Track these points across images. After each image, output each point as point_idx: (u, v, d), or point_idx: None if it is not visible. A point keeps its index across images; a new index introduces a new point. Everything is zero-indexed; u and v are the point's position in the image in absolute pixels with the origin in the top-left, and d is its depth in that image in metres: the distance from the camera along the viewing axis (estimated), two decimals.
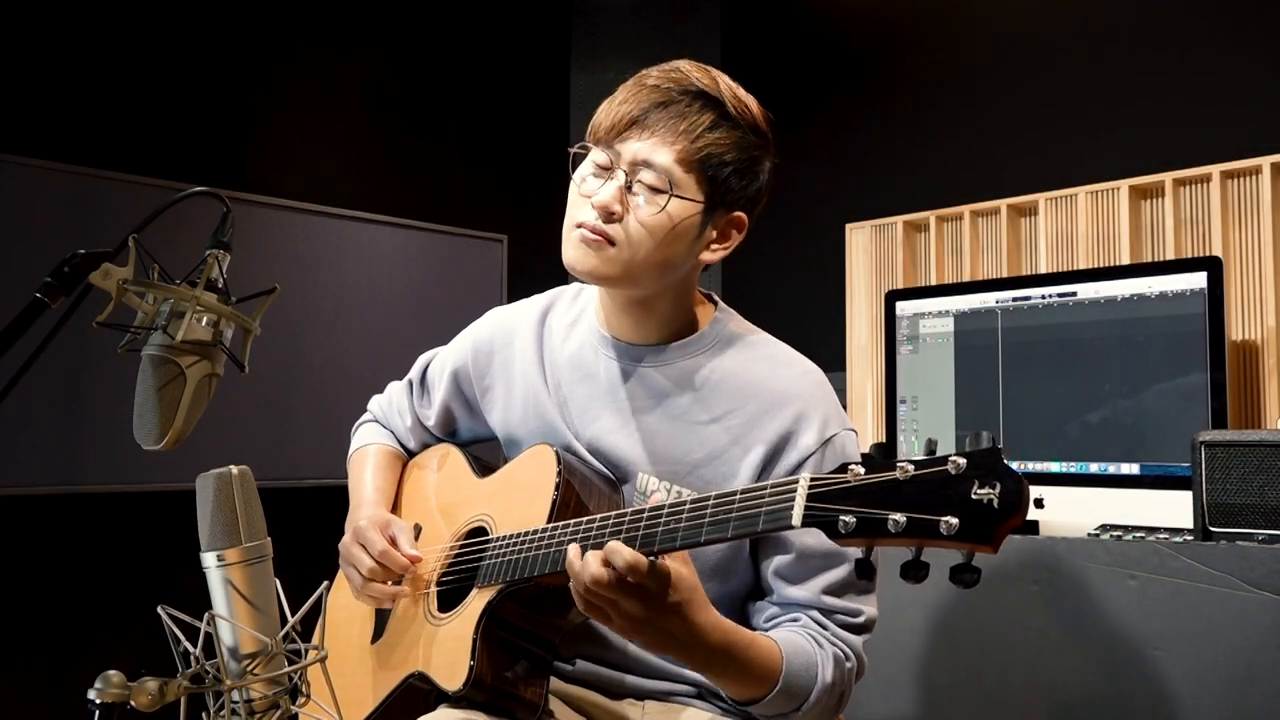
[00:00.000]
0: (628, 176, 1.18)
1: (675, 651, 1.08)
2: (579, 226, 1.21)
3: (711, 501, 1.01)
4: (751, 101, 1.23)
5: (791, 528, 0.93)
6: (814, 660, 1.14)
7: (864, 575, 0.90)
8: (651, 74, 1.22)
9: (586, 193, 1.21)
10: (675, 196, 1.18)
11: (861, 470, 0.89)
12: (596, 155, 1.22)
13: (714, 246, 1.25)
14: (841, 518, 0.88)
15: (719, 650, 1.08)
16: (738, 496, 1.00)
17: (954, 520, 0.83)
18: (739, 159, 1.20)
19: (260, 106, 3.30)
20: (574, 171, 1.25)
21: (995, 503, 0.82)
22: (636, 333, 1.30)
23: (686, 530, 1.02)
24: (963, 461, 0.84)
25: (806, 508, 0.92)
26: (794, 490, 0.93)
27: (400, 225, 3.52)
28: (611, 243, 1.19)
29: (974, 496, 0.83)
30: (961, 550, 0.84)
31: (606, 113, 1.21)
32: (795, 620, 1.19)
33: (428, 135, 3.70)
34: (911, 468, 0.86)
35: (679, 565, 1.04)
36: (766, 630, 1.21)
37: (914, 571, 0.85)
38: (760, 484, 0.98)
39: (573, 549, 1.05)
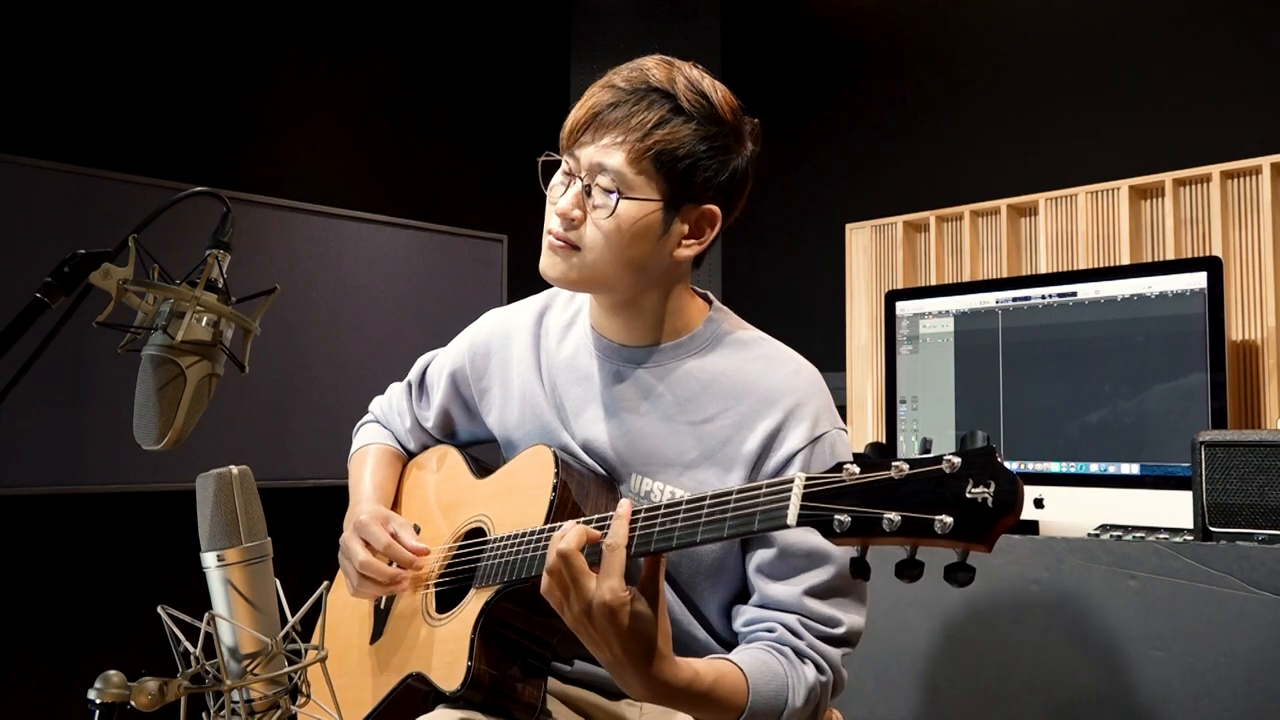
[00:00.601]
0: (586, 181, 1.19)
1: (625, 678, 1.05)
2: (548, 234, 1.23)
3: (707, 502, 1.01)
4: (713, 91, 1.21)
5: (787, 527, 0.93)
6: (784, 684, 1.13)
7: (859, 574, 0.89)
8: (614, 74, 1.22)
9: (553, 200, 1.23)
10: (625, 198, 1.17)
11: (856, 469, 0.89)
12: (562, 160, 1.23)
13: (687, 242, 1.23)
14: (836, 517, 0.88)
15: (678, 692, 1.06)
16: (733, 496, 0.99)
17: (948, 519, 0.83)
18: (696, 151, 1.18)
19: (260, 106, 3.30)
20: (548, 180, 1.26)
21: (990, 501, 0.82)
22: (628, 334, 1.30)
23: (683, 531, 1.02)
24: (957, 460, 0.84)
25: (802, 507, 0.92)
26: (789, 490, 0.93)
27: (400, 225, 3.53)
28: (576, 248, 1.20)
29: (969, 495, 0.83)
30: (956, 549, 0.84)
31: (570, 117, 1.23)
32: (770, 631, 1.17)
33: (428, 135, 3.70)
34: (906, 467, 0.87)
35: (665, 619, 1.04)
36: (744, 634, 1.20)
37: (908, 570, 0.86)
38: (755, 484, 0.98)
39: (569, 527, 1.05)
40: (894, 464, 0.87)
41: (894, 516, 0.85)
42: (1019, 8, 3.09)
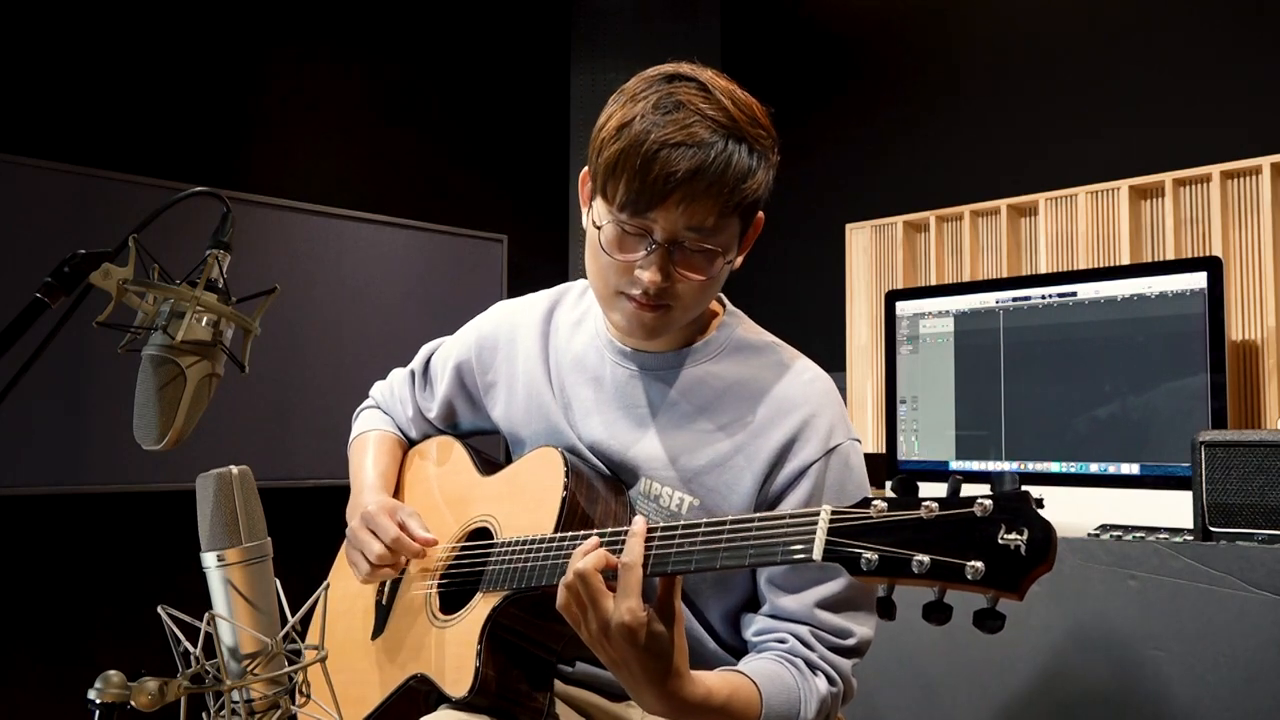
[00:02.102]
0: (669, 243, 1.14)
1: (640, 694, 1.05)
2: (624, 297, 1.18)
3: (727, 526, 1.00)
4: (756, 107, 1.18)
5: (812, 562, 0.91)
6: (796, 696, 1.12)
7: (885, 614, 0.88)
8: (664, 125, 1.10)
9: (623, 260, 1.16)
10: (727, 256, 1.17)
11: (884, 505, 0.88)
12: (624, 220, 1.14)
13: (740, 253, 1.25)
14: (864, 555, 0.87)
15: (693, 708, 1.06)
16: (755, 525, 0.98)
17: (979, 565, 0.81)
18: (768, 181, 1.17)
19: (260, 106, 3.30)
20: (587, 209, 1.21)
21: (1023, 549, 0.81)
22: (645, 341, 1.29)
23: (702, 555, 1.00)
24: (989, 504, 0.82)
25: (828, 543, 0.90)
26: (815, 523, 0.92)
27: (400, 225, 3.53)
28: (667, 307, 1.18)
29: (1001, 541, 0.81)
30: (986, 595, 0.83)
31: (633, 181, 1.11)
32: (782, 642, 1.17)
33: (428, 135, 3.70)
34: (936, 507, 0.85)
35: (682, 638, 1.03)
36: (755, 644, 1.20)
37: (936, 614, 0.84)
38: (778, 514, 0.97)
39: (590, 545, 1.05)
40: (924, 503, 0.85)
41: (923, 559, 0.83)
42: (1019, 8, 3.09)
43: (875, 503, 0.88)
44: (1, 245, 2.72)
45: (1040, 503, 2.24)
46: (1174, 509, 2.00)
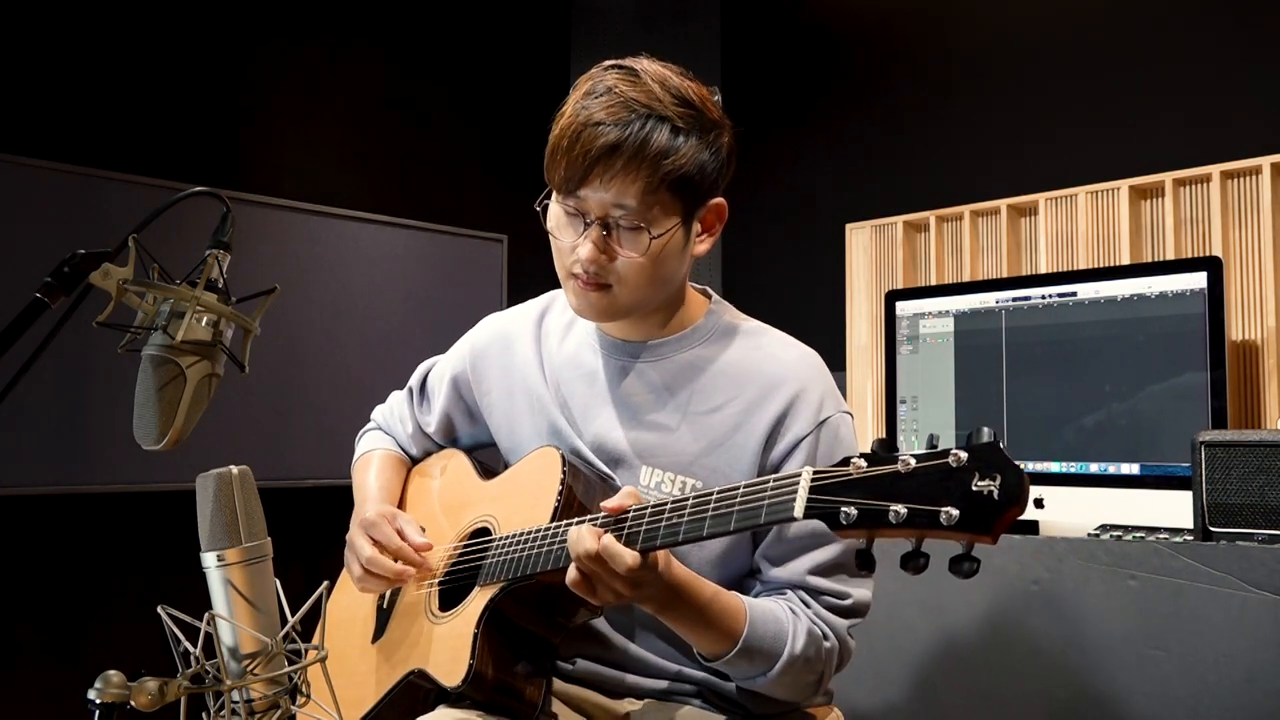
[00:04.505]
0: (601, 221, 1.18)
1: (643, 603, 1.12)
2: (573, 278, 1.23)
3: (714, 497, 1.03)
4: (689, 92, 1.20)
5: (794, 519, 0.94)
6: (785, 628, 1.16)
7: (864, 566, 0.91)
8: (590, 108, 1.17)
9: (567, 242, 1.22)
10: (653, 231, 1.18)
11: (863, 463, 0.91)
12: (562, 201, 1.21)
13: (701, 239, 1.27)
14: (843, 509, 0.90)
15: (679, 597, 1.12)
16: (740, 491, 1.01)
17: (954, 511, 0.84)
18: (700, 161, 1.19)
19: (260, 106, 3.29)
20: (540, 210, 1.26)
21: (995, 494, 0.84)
22: (633, 331, 1.31)
23: (689, 526, 1.03)
24: (964, 455, 0.85)
25: (809, 500, 0.93)
26: (796, 483, 0.95)
27: (400, 225, 3.52)
28: (608, 286, 1.21)
29: (974, 488, 0.84)
30: (961, 541, 0.85)
31: (561, 161, 1.18)
32: (780, 594, 1.22)
33: (428, 135, 3.70)
34: (913, 461, 0.88)
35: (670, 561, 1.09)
36: None
37: (914, 562, 0.87)
38: (762, 479, 1.00)
39: (574, 531, 1.08)
40: (901, 458, 0.88)
41: (900, 509, 0.86)
42: (1019, 8, 3.09)
43: (855, 460, 0.91)
44: (1, 245, 2.72)
45: (1040, 503, 2.24)
46: (1174, 509, 2.00)
